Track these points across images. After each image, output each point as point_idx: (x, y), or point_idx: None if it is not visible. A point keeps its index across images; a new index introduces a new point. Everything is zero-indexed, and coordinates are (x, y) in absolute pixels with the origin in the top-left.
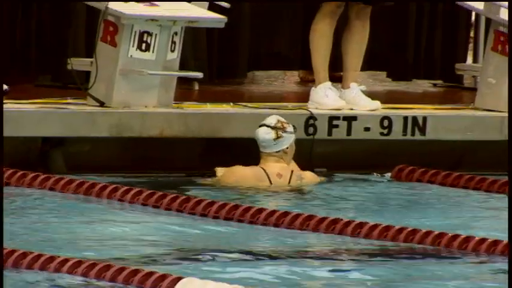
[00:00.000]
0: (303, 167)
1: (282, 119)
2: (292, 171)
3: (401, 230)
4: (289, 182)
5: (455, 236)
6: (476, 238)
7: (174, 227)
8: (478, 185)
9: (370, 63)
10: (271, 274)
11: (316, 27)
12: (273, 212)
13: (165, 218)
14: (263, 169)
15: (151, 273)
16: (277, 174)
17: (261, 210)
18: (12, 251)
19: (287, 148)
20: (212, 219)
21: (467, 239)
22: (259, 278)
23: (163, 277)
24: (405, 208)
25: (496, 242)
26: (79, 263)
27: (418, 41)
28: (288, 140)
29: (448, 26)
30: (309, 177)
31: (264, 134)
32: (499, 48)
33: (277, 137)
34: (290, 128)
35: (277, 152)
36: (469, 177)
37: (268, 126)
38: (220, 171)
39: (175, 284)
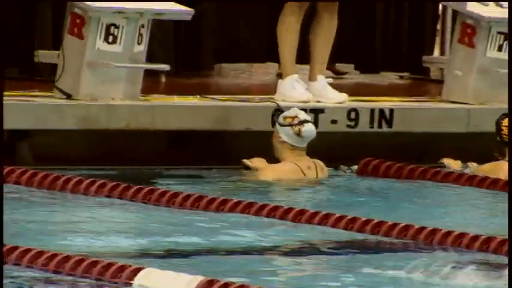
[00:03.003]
0: (275, 160)
1: None
2: (314, 163)
3: (367, 221)
4: (316, 174)
5: (422, 229)
6: (443, 231)
7: (139, 219)
8: (445, 178)
9: (337, 56)
10: (234, 265)
11: (283, 19)
12: (239, 202)
13: (130, 210)
14: (296, 164)
15: (110, 264)
16: (307, 167)
17: (226, 201)
18: None
19: None
20: (178, 210)
21: (434, 231)
22: (222, 269)
23: (122, 268)
24: (371, 202)
25: (461, 235)
26: (39, 254)
27: (385, 32)
28: None
29: (414, 17)
30: (324, 166)
31: (314, 130)
32: (465, 40)
33: None
34: None
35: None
36: (435, 171)
37: (311, 122)
38: (250, 162)
39: (135, 275)
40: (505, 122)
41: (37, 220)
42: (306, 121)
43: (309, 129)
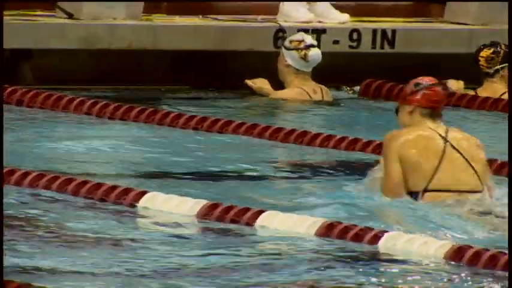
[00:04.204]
0: (277, 82)
1: None
2: (320, 87)
3: (369, 142)
4: (322, 98)
5: None
6: None
7: (142, 141)
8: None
9: None
10: (237, 189)
11: None
12: (242, 123)
13: (133, 131)
14: (302, 88)
15: (114, 187)
16: (313, 90)
17: (229, 122)
18: None
19: None
20: (180, 131)
21: None
22: (225, 192)
23: (126, 191)
24: (372, 123)
25: None
26: (41, 176)
27: None
28: None
29: None
30: (328, 91)
31: (320, 54)
32: None
33: None
34: None
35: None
36: None
37: (316, 46)
38: (253, 83)
39: (139, 198)
40: (483, 52)
41: (40, 140)
42: (312, 45)
43: (315, 53)
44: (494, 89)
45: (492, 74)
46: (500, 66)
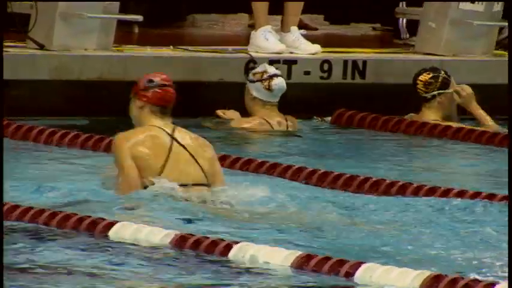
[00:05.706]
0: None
1: None
2: (286, 118)
3: (339, 176)
4: (286, 128)
5: (394, 183)
6: (415, 184)
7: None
8: (419, 130)
9: (307, 6)
10: (208, 220)
11: None
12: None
13: (104, 161)
14: (266, 120)
15: (83, 218)
16: (278, 122)
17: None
18: None
19: None
20: None
21: (405, 185)
22: (197, 224)
23: (96, 222)
24: (344, 154)
25: (433, 189)
26: (14, 208)
27: None
28: None
29: None
30: (295, 121)
31: (284, 83)
32: None
33: None
34: None
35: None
36: (409, 122)
37: (280, 75)
38: (223, 114)
39: (109, 229)
40: (421, 77)
41: (10, 172)
42: (275, 75)
43: (278, 82)
44: (428, 117)
45: (429, 99)
46: (438, 92)
